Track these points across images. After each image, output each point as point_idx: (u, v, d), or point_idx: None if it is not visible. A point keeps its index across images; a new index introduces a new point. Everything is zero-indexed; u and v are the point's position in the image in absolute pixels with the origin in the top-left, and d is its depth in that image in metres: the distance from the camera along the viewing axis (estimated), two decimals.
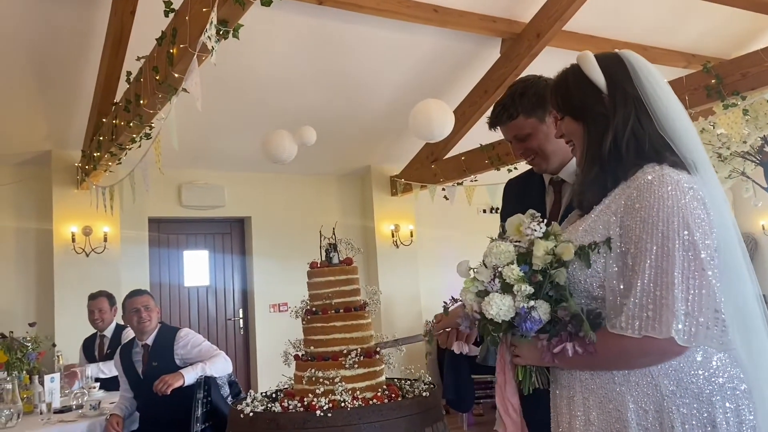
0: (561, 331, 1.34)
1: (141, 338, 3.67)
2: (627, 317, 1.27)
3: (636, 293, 1.26)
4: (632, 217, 1.30)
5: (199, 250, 6.85)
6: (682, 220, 1.26)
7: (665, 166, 1.32)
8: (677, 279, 1.24)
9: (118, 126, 4.40)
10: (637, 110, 1.38)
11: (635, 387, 1.31)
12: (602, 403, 1.35)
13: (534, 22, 5.36)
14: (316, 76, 5.54)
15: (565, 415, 1.44)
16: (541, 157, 1.91)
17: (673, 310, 1.22)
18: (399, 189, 7.19)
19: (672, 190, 1.28)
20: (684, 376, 1.29)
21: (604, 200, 1.38)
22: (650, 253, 1.26)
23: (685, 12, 5.83)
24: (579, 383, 1.40)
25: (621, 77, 1.41)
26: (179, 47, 3.16)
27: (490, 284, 1.39)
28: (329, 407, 2.21)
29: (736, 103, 4.17)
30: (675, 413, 1.27)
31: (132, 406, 3.69)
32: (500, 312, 1.36)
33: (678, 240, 1.25)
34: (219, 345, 6.07)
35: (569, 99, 1.48)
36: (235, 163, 6.59)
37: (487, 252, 1.43)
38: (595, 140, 1.42)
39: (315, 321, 2.46)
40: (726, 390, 1.29)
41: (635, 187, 1.32)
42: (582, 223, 1.42)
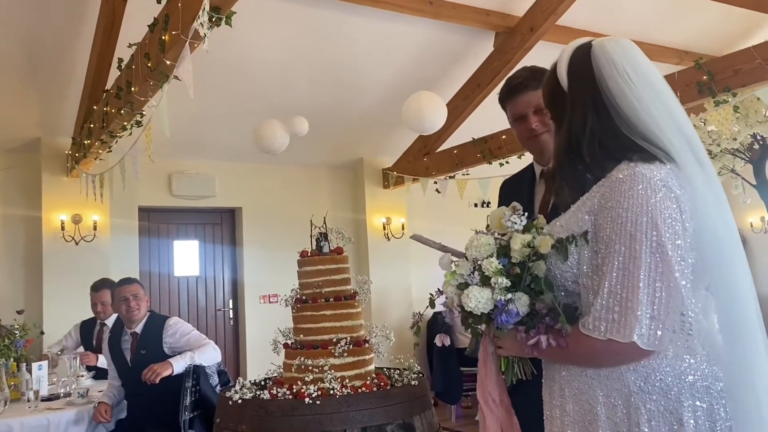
0: (538, 324, 1.35)
1: (130, 326, 3.66)
2: (594, 319, 1.26)
3: (603, 295, 1.25)
4: (604, 216, 1.28)
5: (189, 240, 6.83)
6: (651, 221, 1.23)
7: (639, 163, 1.28)
8: (643, 282, 1.21)
9: (108, 113, 4.36)
10: (596, 108, 1.34)
11: (605, 381, 1.31)
12: (576, 395, 1.36)
13: (528, 16, 5.36)
14: (310, 67, 5.52)
15: (548, 404, 1.45)
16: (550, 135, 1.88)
17: (637, 314, 1.21)
18: (391, 182, 7.19)
19: (642, 189, 1.24)
20: (652, 372, 1.27)
21: (581, 198, 1.36)
22: (618, 254, 1.24)
23: (678, 9, 5.85)
24: (558, 374, 1.40)
25: (580, 68, 1.38)
26: (171, 34, 3.14)
27: (470, 277, 1.40)
28: (318, 395, 2.21)
29: (727, 99, 4.19)
30: (642, 409, 1.26)
31: (120, 395, 3.68)
32: (479, 305, 1.37)
33: (645, 241, 1.22)
34: (209, 335, 6.04)
35: (545, 91, 1.48)
36: (226, 153, 6.57)
37: (468, 245, 1.44)
38: (559, 138, 1.42)
39: (305, 309, 2.46)
40: (696, 389, 1.27)
41: (608, 185, 1.29)
42: (560, 219, 1.41)
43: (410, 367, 2.68)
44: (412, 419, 2.28)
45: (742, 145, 5.96)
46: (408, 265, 7.25)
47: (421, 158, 6.77)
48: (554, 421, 1.41)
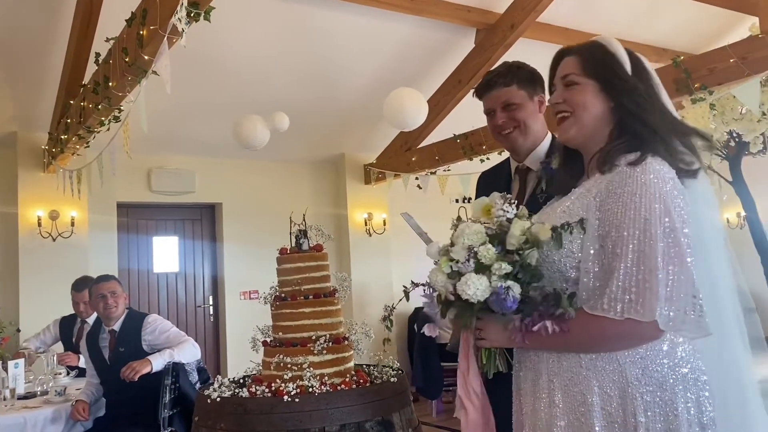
0: (534, 311, 1.36)
1: (108, 324, 3.62)
2: (609, 299, 1.28)
3: (619, 276, 1.27)
4: (614, 201, 1.31)
5: (168, 236, 6.77)
6: (664, 207, 1.28)
7: (648, 155, 1.34)
8: (660, 264, 1.26)
9: (86, 108, 4.31)
10: (650, 96, 1.42)
11: (601, 372, 1.33)
12: (567, 386, 1.37)
13: (508, 13, 5.38)
14: (290, 62, 5.50)
15: (529, 397, 1.45)
16: (520, 131, 1.96)
17: (657, 294, 1.24)
18: (373, 177, 7.19)
19: (654, 178, 1.30)
20: (650, 364, 1.31)
21: (585, 183, 1.41)
22: (633, 237, 1.28)
23: (657, 7, 5.91)
24: (545, 365, 1.41)
25: (640, 64, 1.46)
26: (149, 29, 3.11)
27: (465, 265, 1.38)
28: (297, 393, 2.21)
29: (704, 97, 4.24)
30: (638, 400, 1.29)
31: (98, 392, 3.65)
32: (477, 292, 1.35)
33: (660, 226, 1.27)
34: (188, 332, 6.02)
35: (600, 66, 1.45)
36: (206, 149, 6.52)
37: (459, 233, 1.43)
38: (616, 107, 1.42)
39: (284, 307, 2.46)
40: (689, 380, 1.32)
41: (618, 172, 1.34)
42: (560, 204, 1.43)
43: (390, 364, 2.68)
44: (391, 416, 2.28)
45: (718, 142, 6.05)
46: (389, 260, 7.26)
47: (402, 154, 6.78)
48: (538, 413, 1.41)
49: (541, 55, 1.77)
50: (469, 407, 1.56)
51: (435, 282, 1.46)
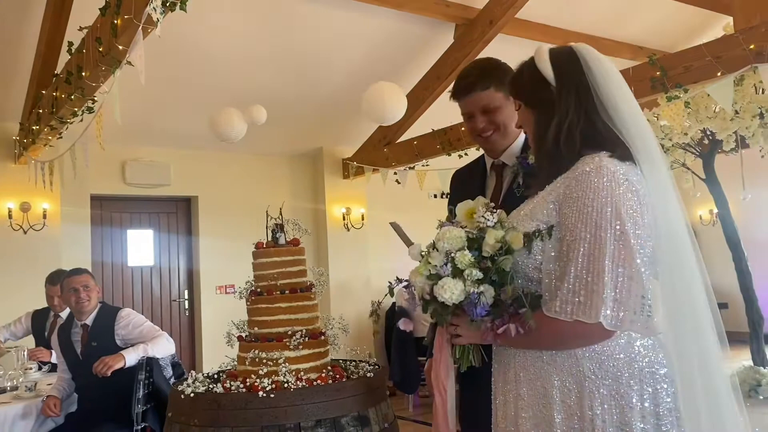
0: (504, 313, 1.41)
1: (80, 318, 3.56)
2: (561, 302, 1.33)
3: (569, 279, 1.33)
4: (569, 205, 1.36)
5: (143, 229, 6.69)
6: (615, 211, 1.32)
7: (604, 157, 1.38)
8: (607, 267, 1.30)
9: (58, 98, 4.23)
10: (584, 102, 1.44)
11: (560, 366, 1.39)
12: (531, 379, 1.43)
13: (487, 9, 5.39)
14: (269, 54, 5.44)
15: (501, 389, 1.52)
16: (500, 134, 1.94)
17: (602, 296, 1.29)
18: (351, 172, 7.16)
19: (607, 182, 1.33)
20: (606, 359, 1.36)
21: (547, 188, 1.44)
22: (584, 241, 1.32)
23: (634, 5, 5.96)
24: (513, 359, 1.48)
25: (571, 70, 1.47)
26: (124, 18, 3.06)
27: (443, 269, 1.44)
28: (272, 388, 2.19)
29: (679, 95, 4.29)
30: (595, 393, 1.35)
31: (70, 388, 3.60)
32: (452, 296, 1.41)
33: (610, 229, 1.31)
34: (163, 326, 5.95)
35: (523, 88, 1.55)
36: (181, 141, 6.44)
37: (440, 236, 1.48)
38: (542, 128, 1.48)
39: (259, 302, 2.43)
40: (645, 374, 1.36)
41: (574, 177, 1.38)
42: (524, 207, 1.48)
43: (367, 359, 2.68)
44: (367, 411, 2.28)
45: (692, 140, 6.14)
46: (367, 255, 7.25)
47: (381, 148, 6.77)
48: (508, 405, 1.48)
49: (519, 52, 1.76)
50: (438, 400, 1.61)
51: (415, 282, 1.52)
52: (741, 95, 5.14)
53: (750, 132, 5.39)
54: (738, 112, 5.26)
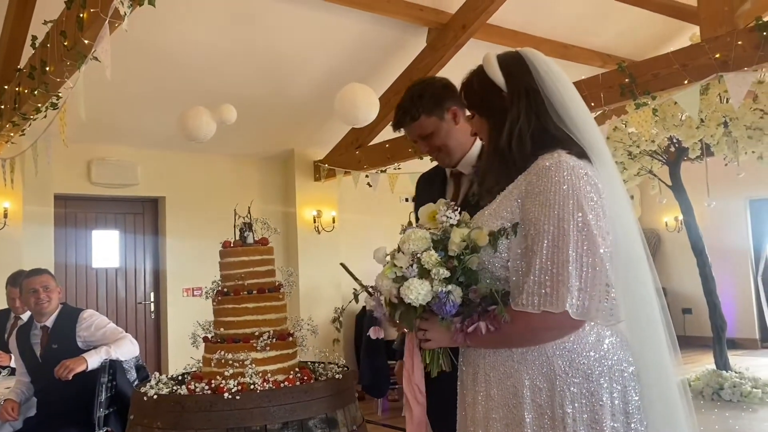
0: (473, 312, 1.41)
1: (40, 319, 3.46)
2: (527, 294, 1.34)
3: (534, 271, 1.34)
4: (531, 200, 1.38)
5: (109, 230, 6.55)
6: (577, 203, 1.34)
7: (562, 153, 1.40)
8: (572, 257, 1.32)
9: (21, 94, 4.12)
10: (535, 104, 1.47)
11: (531, 365, 1.39)
12: (501, 379, 1.43)
13: (460, 14, 5.42)
14: (240, 54, 5.39)
15: (470, 390, 1.51)
16: (444, 153, 2.05)
17: (568, 286, 1.30)
18: (322, 174, 7.12)
19: (567, 175, 1.36)
20: (576, 357, 1.37)
21: (508, 187, 1.45)
22: (547, 233, 1.34)
23: (603, 13, 6.06)
24: (482, 360, 1.47)
25: (520, 74, 1.50)
26: (90, 12, 2.99)
27: (409, 270, 1.43)
28: (238, 390, 2.14)
29: (647, 102, 4.35)
30: (566, 392, 1.36)
31: (29, 391, 3.49)
32: (419, 296, 1.40)
33: (572, 221, 1.33)
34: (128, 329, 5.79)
35: (474, 97, 1.57)
36: (149, 140, 6.33)
37: (405, 239, 1.47)
38: (496, 133, 1.51)
39: (226, 302, 2.39)
40: (614, 372, 1.38)
41: (534, 173, 1.40)
42: (488, 207, 1.48)
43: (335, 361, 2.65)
44: (335, 413, 2.24)
45: (659, 147, 6.24)
46: (338, 258, 7.17)
47: (353, 151, 6.74)
48: (476, 406, 1.47)
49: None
50: (414, 406, 1.59)
51: (381, 286, 1.50)
52: (706, 104, 5.25)
53: (714, 140, 5.51)
54: (703, 121, 5.37)
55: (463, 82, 1.62)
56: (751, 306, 8.94)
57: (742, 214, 9.00)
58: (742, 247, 8.97)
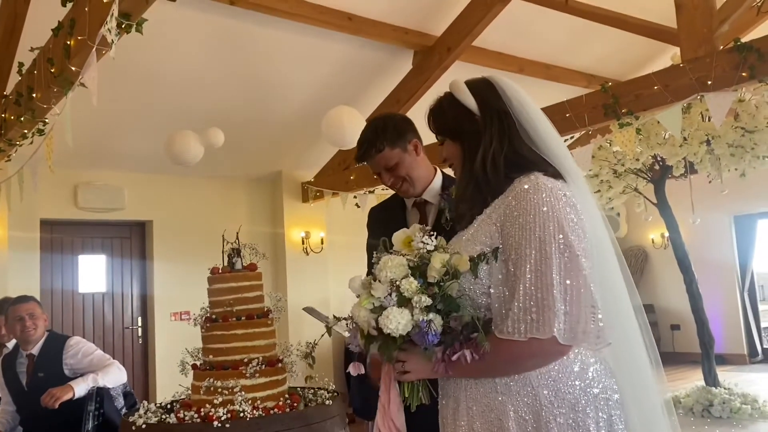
0: (455, 341, 1.35)
1: (26, 348, 3.42)
2: (513, 321, 1.30)
3: (519, 297, 1.31)
4: (511, 224, 1.36)
5: (96, 255, 6.50)
6: (558, 225, 1.33)
7: (539, 175, 1.39)
8: (555, 280, 1.29)
9: (7, 120, 4.12)
10: (507, 128, 1.47)
11: (516, 396, 1.35)
12: (485, 412, 1.38)
13: (445, 36, 5.49)
14: (226, 78, 5.41)
15: (450, 425, 1.45)
16: (409, 183, 2.09)
17: (554, 310, 1.27)
18: (310, 195, 7.13)
19: (546, 197, 1.35)
20: (562, 386, 1.34)
21: (486, 210, 1.44)
22: (530, 257, 1.31)
23: (587, 35, 6.15)
24: (464, 393, 1.42)
25: (491, 99, 1.50)
26: (77, 39, 2.99)
27: (387, 299, 1.37)
28: (227, 417, 2.13)
29: (630, 122, 4.41)
30: (552, 423, 1.32)
31: (14, 420, 3.44)
32: (399, 326, 1.34)
33: (554, 243, 1.31)
34: (116, 355, 5.76)
35: (446, 122, 1.56)
36: (136, 164, 6.31)
37: (381, 266, 1.42)
38: (470, 157, 1.50)
39: (214, 329, 2.38)
40: (600, 400, 1.35)
41: (513, 196, 1.38)
42: (465, 233, 1.46)
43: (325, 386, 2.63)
44: None
45: (644, 166, 6.32)
46: (327, 280, 7.19)
47: (340, 172, 6.76)
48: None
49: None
50: None
51: (357, 317, 1.43)
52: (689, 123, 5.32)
53: (698, 158, 5.58)
54: (686, 139, 5.44)
55: (432, 108, 1.61)
56: (739, 321, 9.00)
57: (727, 229, 9.09)
58: (729, 263, 9.05)
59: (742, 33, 5.22)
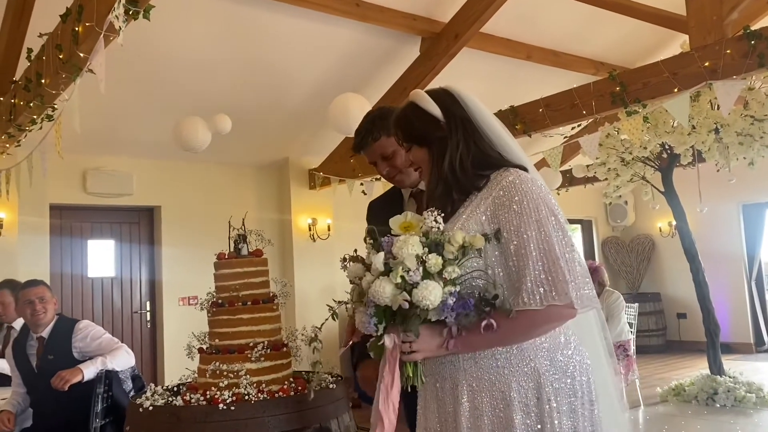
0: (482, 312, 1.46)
1: (36, 330, 3.48)
2: (527, 294, 1.46)
3: (530, 273, 1.47)
4: (505, 212, 1.52)
5: (104, 240, 6.56)
6: (547, 208, 1.52)
7: (517, 170, 1.58)
8: (559, 254, 1.48)
9: (17, 106, 4.14)
10: (471, 132, 1.64)
11: (517, 369, 1.52)
12: (488, 387, 1.53)
13: (453, 23, 5.46)
14: (234, 64, 5.42)
15: (449, 405, 1.57)
16: (404, 173, 2.13)
17: (566, 279, 1.45)
18: (317, 182, 7.15)
19: (532, 186, 1.54)
20: (555, 355, 1.53)
21: (470, 203, 1.58)
22: (531, 238, 1.48)
23: (596, 22, 6.11)
24: (462, 373, 1.55)
25: (453, 107, 1.66)
26: (85, 25, 3.01)
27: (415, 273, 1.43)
28: (233, 400, 2.16)
29: (638, 110, 4.40)
30: (549, 387, 1.50)
31: (25, 402, 3.50)
32: (436, 298, 1.42)
33: (549, 224, 1.50)
34: (124, 339, 5.84)
35: (413, 130, 1.69)
36: (144, 150, 6.34)
37: (401, 246, 1.47)
38: (438, 161, 1.65)
39: (221, 314, 2.41)
40: (583, 366, 1.57)
41: (500, 188, 1.54)
42: (454, 223, 1.57)
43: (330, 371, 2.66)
44: (329, 423, 2.27)
45: (651, 154, 6.29)
46: (333, 266, 7.21)
47: (347, 159, 6.77)
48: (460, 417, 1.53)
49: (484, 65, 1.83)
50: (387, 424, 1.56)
51: (381, 294, 1.45)
52: (697, 111, 5.30)
53: (706, 146, 5.56)
54: (695, 127, 5.42)
55: (397, 116, 1.73)
56: (746, 310, 8.98)
57: (735, 218, 9.05)
58: (736, 252, 9.02)
59: (752, 20, 5.18)
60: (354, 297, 1.57)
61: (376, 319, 1.48)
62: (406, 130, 1.71)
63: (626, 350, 5.78)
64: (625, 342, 5.82)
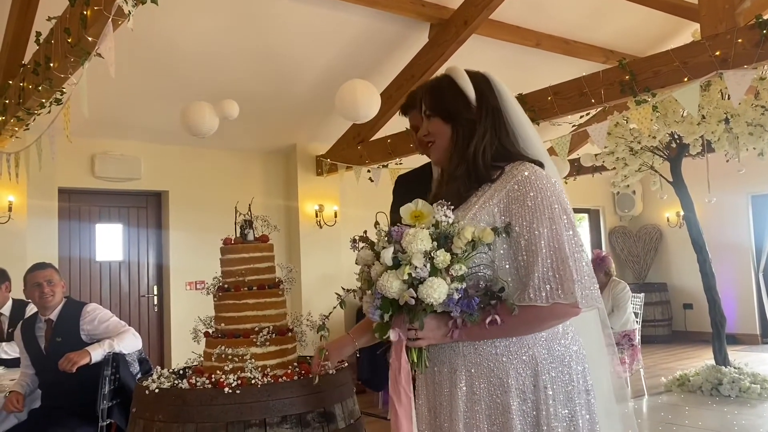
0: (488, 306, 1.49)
1: (44, 313, 3.51)
2: (534, 290, 1.48)
3: (538, 268, 1.48)
4: (520, 206, 1.52)
5: (112, 224, 6.60)
6: (560, 206, 1.53)
7: (532, 164, 1.58)
8: (568, 253, 1.49)
9: (25, 89, 4.16)
10: (498, 124, 1.64)
11: (516, 357, 1.55)
12: (486, 373, 1.56)
13: (462, 9, 5.43)
14: (242, 49, 5.41)
15: (446, 388, 1.60)
16: None
17: (573, 279, 1.47)
18: (324, 169, 7.15)
19: (546, 182, 1.54)
20: (553, 345, 1.56)
21: (483, 194, 1.58)
22: (542, 235, 1.50)
23: (606, 10, 6.06)
24: (461, 359, 1.58)
25: (488, 94, 1.66)
26: (93, 9, 3.02)
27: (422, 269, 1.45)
28: (238, 384, 2.18)
29: (647, 99, 4.37)
30: (546, 376, 1.54)
31: (33, 383, 3.54)
32: (441, 295, 1.44)
33: (561, 222, 1.51)
34: (132, 322, 5.89)
35: (443, 102, 1.68)
36: (152, 135, 6.36)
37: (410, 239, 1.48)
38: (463, 142, 1.64)
39: (227, 298, 2.42)
40: (579, 356, 1.60)
41: (515, 181, 1.54)
42: (467, 212, 1.57)
43: None
44: (333, 407, 2.28)
45: (660, 143, 6.26)
46: (340, 253, 7.24)
47: (354, 146, 6.77)
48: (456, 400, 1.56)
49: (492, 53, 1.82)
50: (400, 411, 1.59)
51: (388, 288, 1.47)
52: (707, 100, 5.26)
53: (715, 137, 5.52)
54: (704, 117, 5.38)
55: (430, 85, 1.72)
56: (752, 301, 8.96)
57: (743, 209, 9.01)
58: (744, 243, 8.99)
59: (765, 10, 5.11)
60: (362, 281, 1.61)
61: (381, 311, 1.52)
62: (435, 99, 1.69)
63: (631, 340, 5.79)
64: (631, 332, 5.82)
